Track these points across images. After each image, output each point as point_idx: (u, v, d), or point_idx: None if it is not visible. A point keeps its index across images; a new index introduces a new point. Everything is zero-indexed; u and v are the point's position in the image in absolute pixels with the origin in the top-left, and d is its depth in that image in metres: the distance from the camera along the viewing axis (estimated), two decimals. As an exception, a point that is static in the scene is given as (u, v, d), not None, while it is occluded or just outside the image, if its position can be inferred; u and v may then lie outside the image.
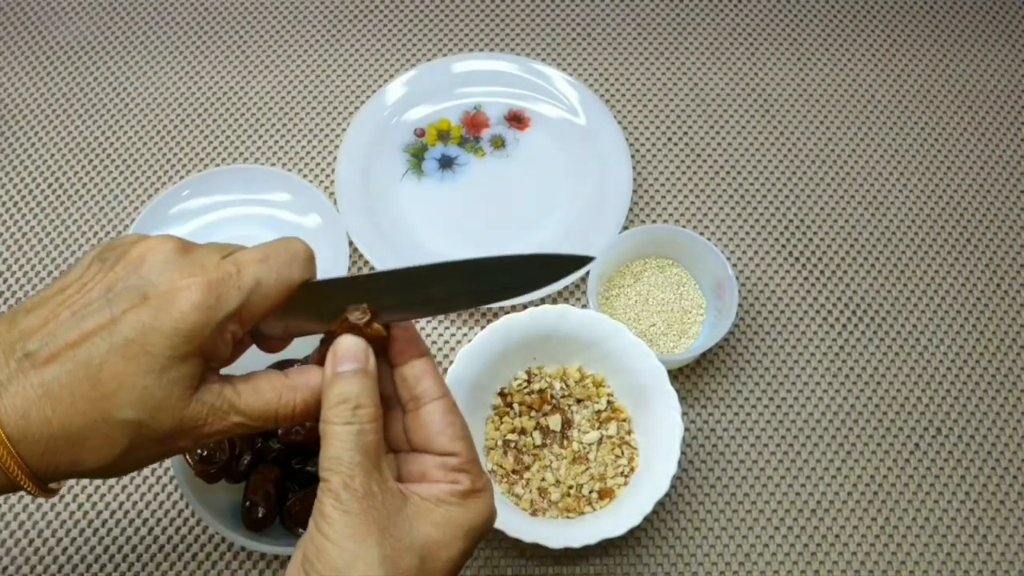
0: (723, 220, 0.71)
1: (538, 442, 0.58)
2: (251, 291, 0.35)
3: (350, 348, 0.37)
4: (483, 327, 0.60)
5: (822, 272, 0.69)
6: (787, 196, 0.72)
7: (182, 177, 0.72)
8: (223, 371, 0.37)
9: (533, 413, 0.59)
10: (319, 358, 0.38)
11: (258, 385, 0.37)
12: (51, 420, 0.33)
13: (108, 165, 0.72)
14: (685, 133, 0.75)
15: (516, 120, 0.74)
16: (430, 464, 0.38)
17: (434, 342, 0.66)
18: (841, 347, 0.66)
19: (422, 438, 0.38)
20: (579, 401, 0.60)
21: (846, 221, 0.71)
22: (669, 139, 0.74)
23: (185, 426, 0.35)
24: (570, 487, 0.57)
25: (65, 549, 0.58)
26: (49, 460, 0.33)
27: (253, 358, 0.58)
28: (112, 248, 0.36)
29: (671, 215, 0.71)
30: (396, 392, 0.39)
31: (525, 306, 0.65)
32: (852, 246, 0.70)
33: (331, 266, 0.66)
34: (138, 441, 0.34)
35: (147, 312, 0.33)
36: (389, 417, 0.40)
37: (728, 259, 0.65)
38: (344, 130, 0.73)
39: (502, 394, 0.60)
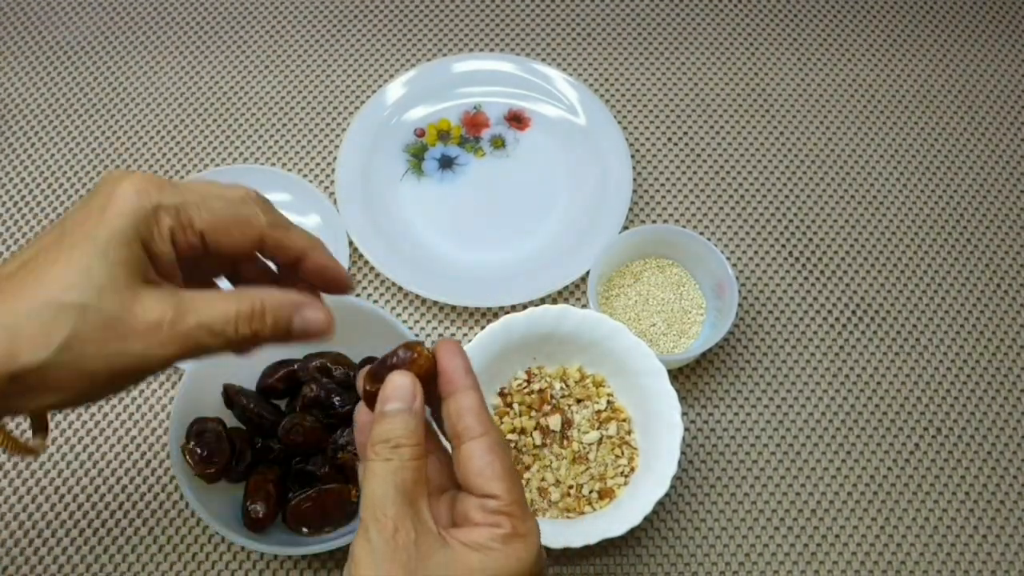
0: (723, 220, 0.71)
1: (538, 442, 0.58)
2: (190, 200, 0.35)
3: (397, 387, 0.36)
4: (483, 327, 0.60)
5: (822, 272, 0.69)
6: (787, 196, 0.72)
7: (182, 177, 0.72)
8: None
9: (533, 413, 0.59)
10: (363, 389, 0.38)
11: (214, 292, 0.36)
12: None
13: (108, 165, 0.72)
14: (685, 133, 0.75)
15: (516, 120, 0.74)
16: (471, 505, 0.36)
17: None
18: (841, 347, 0.66)
19: (462, 477, 0.37)
20: (579, 401, 0.60)
21: (846, 221, 0.71)
22: (669, 139, 0.74)
23: (138, 324, 0.33)
24: (570, 487, 0.57)
25: (65, 549, 0.58)
26: None
27: (250, 365, 0.58)
28: None
29: (671, 215, 0.71)
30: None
31: (525, 306, 0.65)
32: (852, 246, 0.70)
33: (331, 266, 0.66)
34: (83, 332, 0.32)
35: (88, 203, 0.34)
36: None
37: (728, 259, 0.65)
38: (344, 130, 0.73)
39: (502, 394, 0.60)
